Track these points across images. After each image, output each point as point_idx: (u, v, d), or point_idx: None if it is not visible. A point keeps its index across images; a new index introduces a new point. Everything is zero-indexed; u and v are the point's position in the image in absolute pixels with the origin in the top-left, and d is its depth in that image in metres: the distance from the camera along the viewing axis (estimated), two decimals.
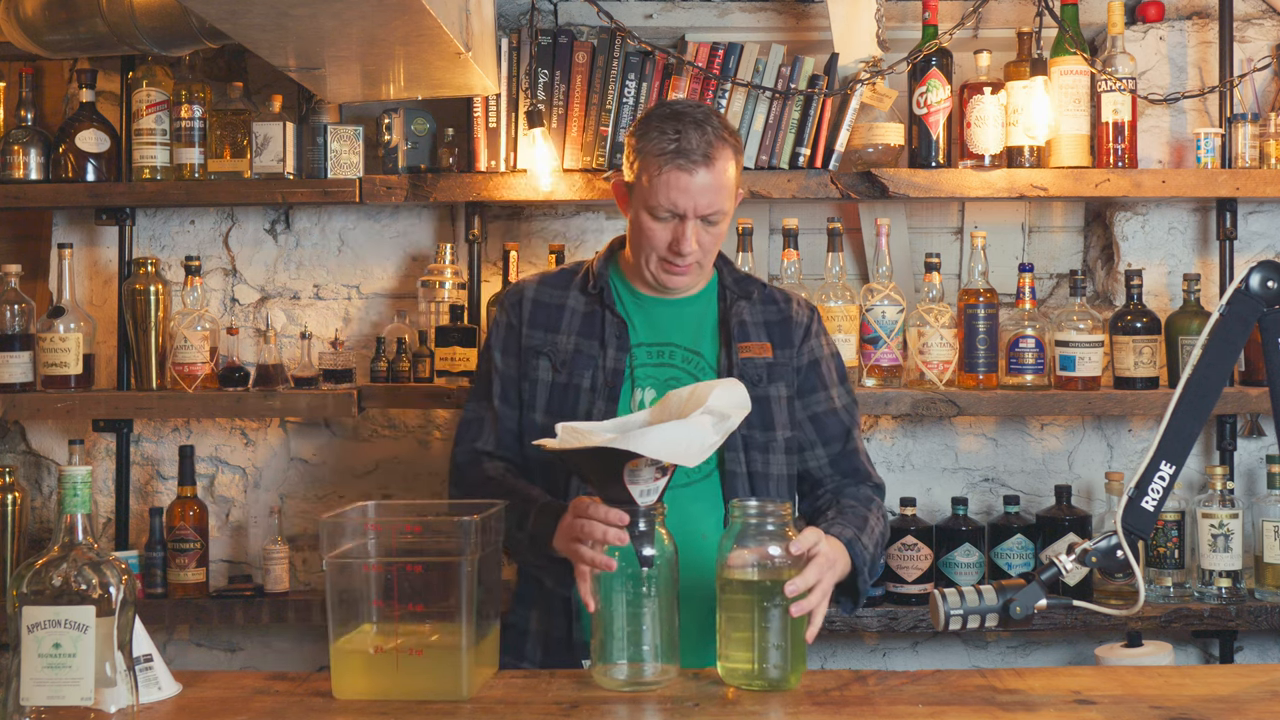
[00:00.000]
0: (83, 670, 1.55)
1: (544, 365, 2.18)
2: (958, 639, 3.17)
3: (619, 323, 2.19)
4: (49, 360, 2.97)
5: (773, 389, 2.18)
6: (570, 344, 2.19)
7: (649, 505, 1.76)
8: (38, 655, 1.55)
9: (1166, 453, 1.76)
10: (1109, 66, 2.93)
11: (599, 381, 2.15)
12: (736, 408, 1.81)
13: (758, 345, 2.20)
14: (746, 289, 2.26)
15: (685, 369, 2.18)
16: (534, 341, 2.21)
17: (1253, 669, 1.99)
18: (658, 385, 2.16)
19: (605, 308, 2.20)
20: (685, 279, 2.17)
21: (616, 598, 1.77)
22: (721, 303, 2.25)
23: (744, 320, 2.22)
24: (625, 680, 1.77)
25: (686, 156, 2.07)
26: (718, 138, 2.10)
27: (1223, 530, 2.89)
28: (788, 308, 2.28)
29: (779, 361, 2.21)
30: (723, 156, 2.10)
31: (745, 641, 1.77)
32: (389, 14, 2.10)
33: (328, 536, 1.78)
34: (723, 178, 2.10)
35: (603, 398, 2.14)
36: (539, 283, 2.28)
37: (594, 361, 2.16)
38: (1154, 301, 3.12)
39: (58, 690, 1.55)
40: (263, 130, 2.99)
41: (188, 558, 2.96)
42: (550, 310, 2.23)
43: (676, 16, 3.20)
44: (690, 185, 2.08)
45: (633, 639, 1.76)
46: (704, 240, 2.13)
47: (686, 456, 1.74)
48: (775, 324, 2.25)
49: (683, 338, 2.21)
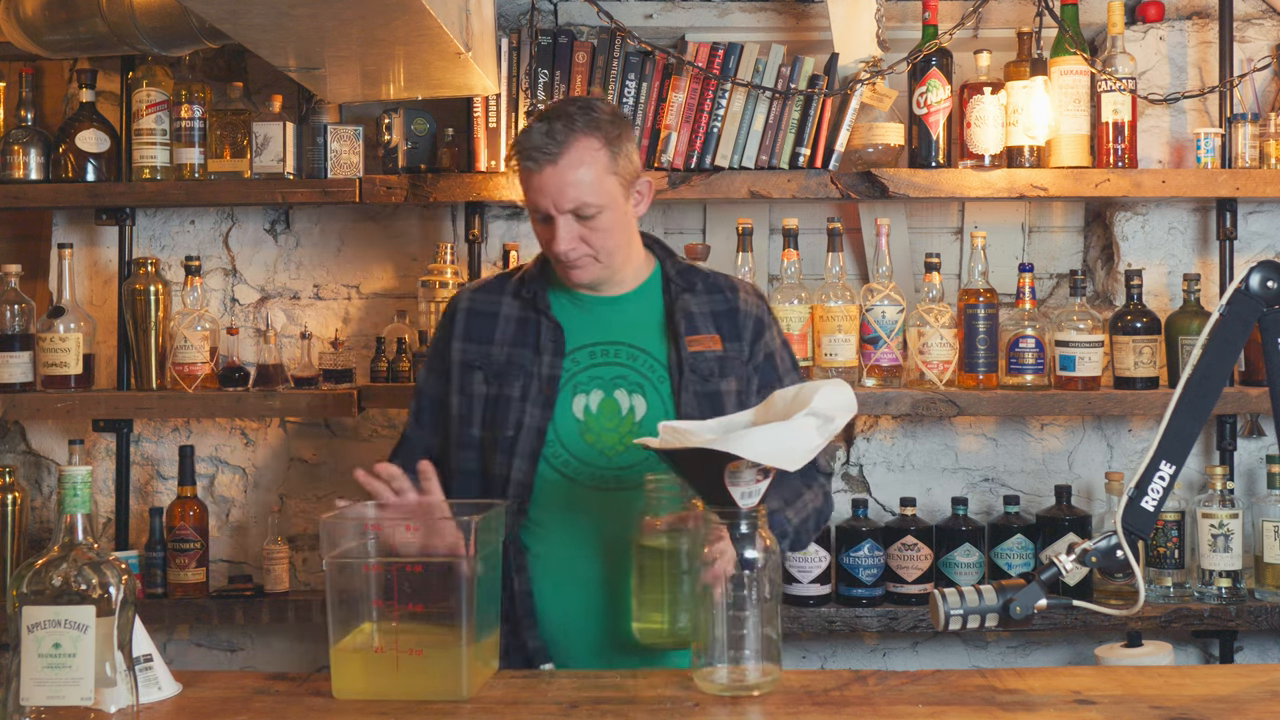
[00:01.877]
0: (83, 670, 1.55)
1: (478, 379, 2.14)
2: (958, 639, 3.17)
3: (554, 327, 2.14)
4: (49, 360, 2.97)
5: (724, 383, 2.14)
6: (503, 354, 2.14)
7: (750, 508, 1.73)
8: (38, 655, 1.55)
9: (1166, 453, 1.76)
10: (1109, 66, 2.93)
11: (533, 390, 2.10)
12: (841, 410, 1.77)
13: (707, 338, 2.15)
14: (690, 280, 2.21)
15: (631, 366, 2.13)
16: (468, 356, 2.16)
17: (1253, 669, 1.99)
18: (604, 386, 2.12)
19: (540, 313, 2.15)
20: (585, 274, 2.11)
21: (718, 600, 1.75)
22: (666, 295, 2.19)
23: (690, 312, 2.17)
24: (727, 684, 1.74)
25: (530, 156, 2.04)
26: (570, 131, 2.04)
27: (1223, 530, 2.89)
28: (735, 297, 2.21)
29: (729, 354, 2.16)
30: (576, 148, 2.04)
31: (658, 603, 1.86)
32: (389, 14, 2.10)
33: (328, 536, 1.78)
34: (577, 171, 2.03)
35: (536, 405, 2.09)
36: (474, 290, 2.23)
37: (526, 370, 2.11)
38: (1154, 301, 3.12)
39: (58, 690, 1.55)
40: (263, 130, 2.99)
41: (188, 558, 2.96)
42: (484, 320, 2.18)
43: (676, 16, 3.20)
44: (542, 184, 2.04)
45: (734, 642, 1.74)
46: (586, 236, 2.07)
47: (789, 460, 1.71)
48: (723, 314, 2.19)
49: (627, 335, 2.15)
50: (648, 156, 2.94)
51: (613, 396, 2.12)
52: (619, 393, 2.12)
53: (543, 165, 2.03)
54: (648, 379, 2.13)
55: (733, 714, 1.68)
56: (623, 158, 2.09)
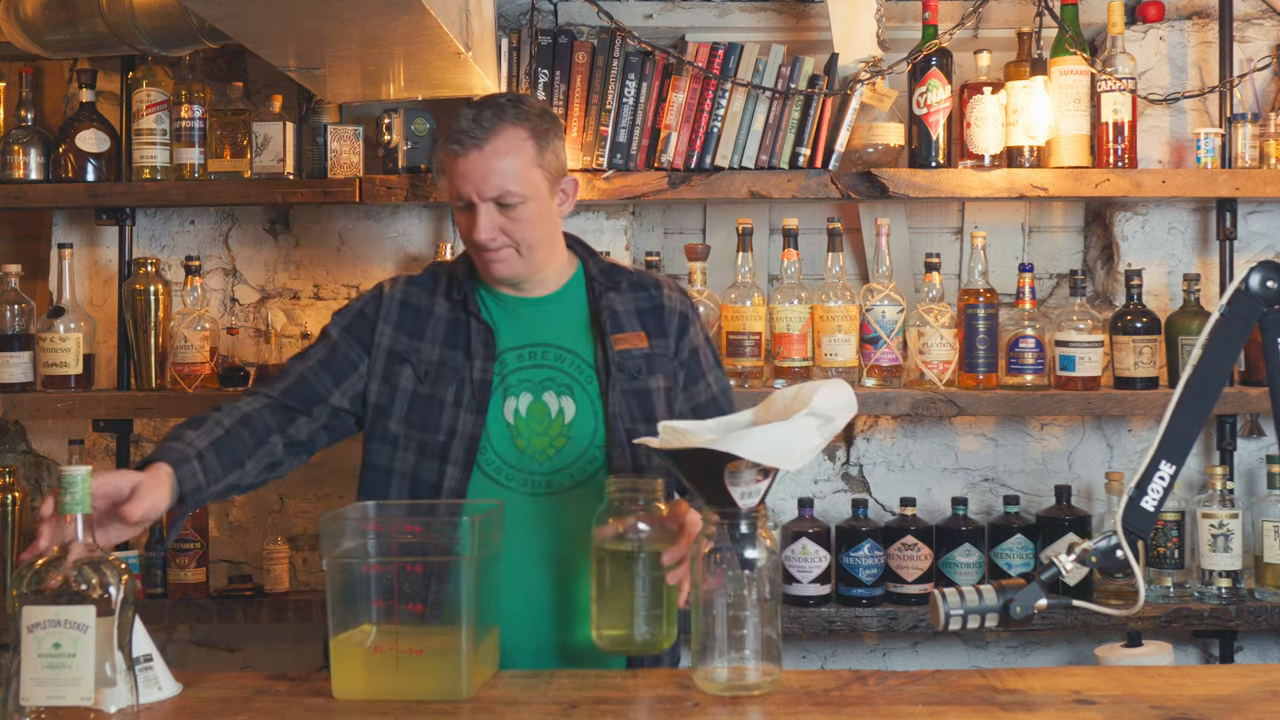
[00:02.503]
0: (83, 670, 1.55)
1: (407, 373, 2.12)
2: (958, 639, 3.17)
3: (485, 329, 2.12)
4: (49, 360, 2.97)
5: (652, 380, 2.13)
6: (435, 354, 2.12)
7: (750, 508, 1.73)
8: (38, 655, 1.54)
9: (1166, 453, 1.76)
10: (1109, 66, 2.93)
11: (465, 395, 2.08)
12: (842, 410, 1.76)
13: (633, 336, 2.14)
14: (614, 279, 2.20)
15: (560, 368, 2.12)
16: (399, 346, 2.14)
17: (1253, 669, 1.99)
18: (533, 388, 2.10)
19: (470, 315, 2.13)
20: (505, 267, 2.10)
21: (717, 600, 1.74)
22: (590, 295, 2.18)
23: (615, 311, 2.16)
24: (727, 684, 1.74)
25: (457, 140, 2.03)
26: (498, 119, 2.04)
27: (1223, 530, 2.89)
28: (659, 294, 2.21)
29: (655, 351, 2.15)
30: (502, 136, 2.03)
31: (621, 609, 1.84)
32: (389, 14, 2.10)
33: (328, 536, 1.78)
34: (503, 159, 2.03)
35: (470, 410, 2.07)
36: (407, 282, 2.21)
37: (459, 374, 2.09)
38: (1154, 301, 3.12)
39: (58, 690, 1.54)
40: (263, 130, 2.99)
41: (188, 558, 2.96)
42: (417, 314, 2.16)
43: (676, 16, 3.20)
44: (466, 169, 2.04)
45: (734, 642, 1.74)
46: (506, 226, 2.06)
47: (789, 460, 1.70)
48: (647, 311, 2.18)
49: (554, 336, 2.14)
50: (648, 157, 2.95)
51: (541, 399, 2.10)
52: (548, 395, 2.10)
53: (468, 150, 2.03)
54: (576, 380, 2.11)
55: (733, 714, 1.68)
56: (549, 152, 2.09)
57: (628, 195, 2.94)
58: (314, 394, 2.14)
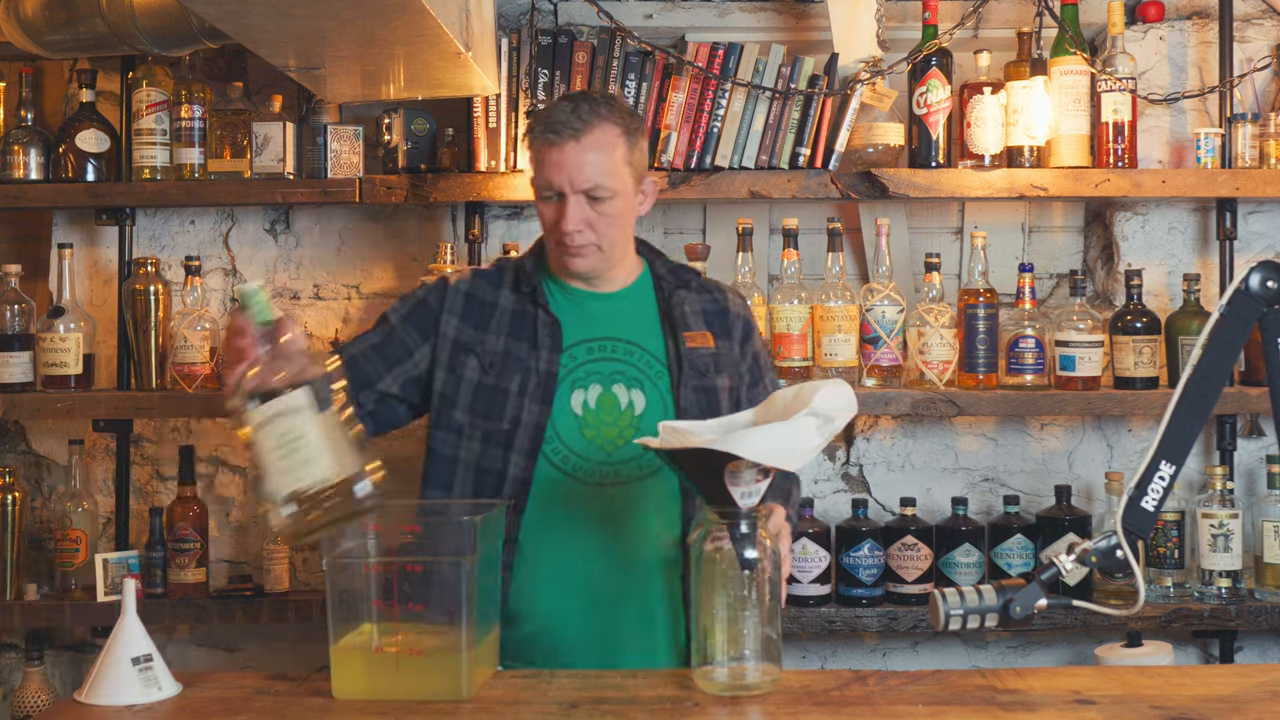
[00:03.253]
0: (316, 450, 1.62)
1: (472, 363, 2.13)
2: (958, 639, 3.17)
3: (552, 322, 2.14)
4: (49, 360, 2.97)
5: (718, 379, 2.16)
6: (500, 344, 2.14)
7: (750, 507, 1.73)
8: (273, 449, 1.62)
9: (1166, 453, 1.76)
10: (1109, 66, 2.93)
11: (530, 385, 2.10)
12: (842, 410, 1.77)
13: (700, 335, 2.18)
14: (684, 278, 2.24)
15: (629, 362, 2.14)
16: (464, 337, 2.16)
17: (1253, 669, 1.99)
18: (602, 380, 2.13)
19: (539, 307, 2.16)
20: (584, 262, 2.12)
21: (718, 600, 1.74)
22: (659, 293, 2.21)
23: (685, 310, 2.20)
24: (727, 684, 1.74)
25: (555, 130, 2.06)
26: (594, 113, 2.07)
27: (1223, 530, 2.89)
28: (723, 299, 2.26)
29: (720, 352, 2.19)
30: (599, 130, 2.07)
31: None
32: (389, 14, 2.10)
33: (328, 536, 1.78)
34: (599, 152, 2.07)
35: (535, 400, 2.09)
36: (472, 276, 2.23)
37: (524, 364, 2.11)
38: (1154, 301, 3.12)
39: (298, 474, 1.62)
40: (263, 130, 2.99)
41: (188, 558, 2.96)
42: (482, 307, 2.18)
43: (676, 16, 3.20)
44: (561, 159, 2.06)
45: (734, 642, 1.74)
46: (593, 220, 2.09)
47: (789, 460, 1.71)
48: (714, 314, 2.23)
49: (623, 331, 2.17)
50: (648, 156, 2.94)
51: (611, 391, 2.12)
52: (617, 387, 2.13)
53: (565, 139, 2.06)
54: (645, 374, 2.14)
55: (733, 714, 1.68)
56: (637, 151, 2.13)
57: None
58: (363, 377, 2.15)
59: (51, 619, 2.96)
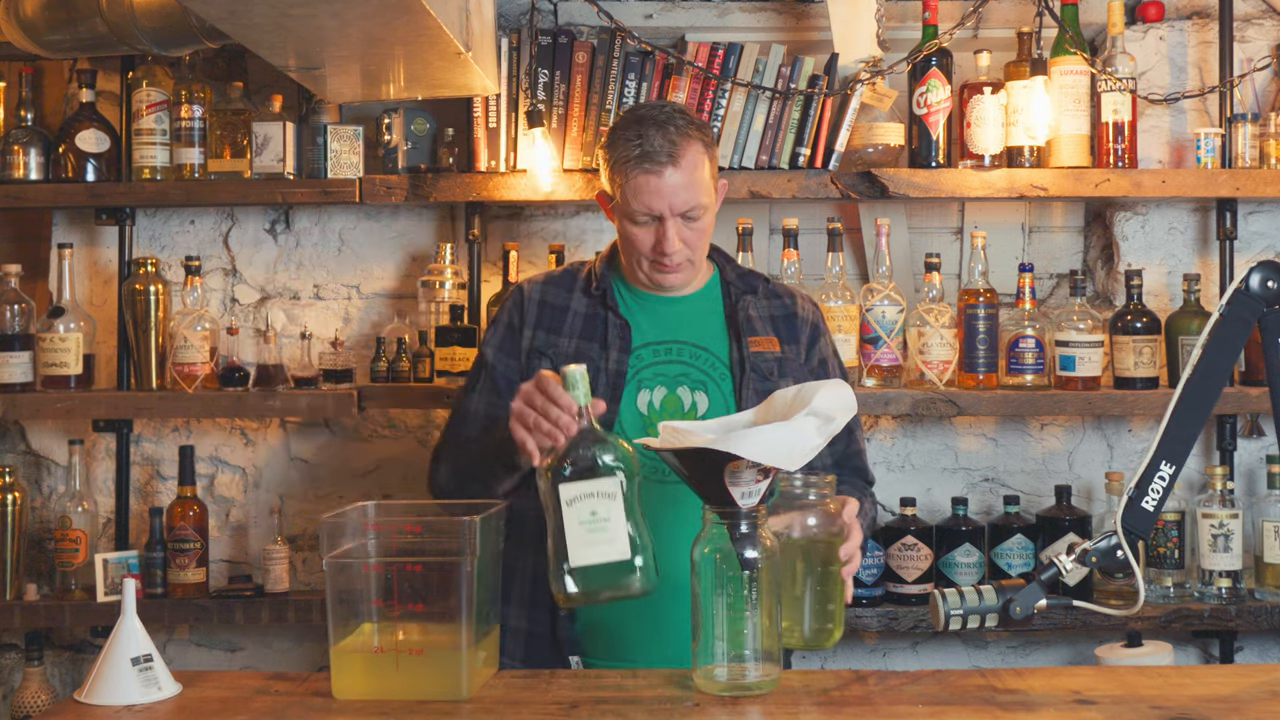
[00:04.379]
0: (617, 531, 1.76)
1: (545, 366, 2.16)
2: (958, 639, 3.17)
3: (622, 324, 2.19)
4: (49, 360, 2.97)
5: (782, 383, 2.18)
6: (571, 346, 2.19)
7: (750, 508, 1.74)
8: (579, 523, 1.76)
9: (1166, 453, 1.76)
10: (1109, 66, 2.93)
11: (600, 384, 2.13)
12: (842, 410, 1.78)
13: (766, 340, 2.22)
14: (751, 284, 2.28)
15: (694, 365, 2.19)
16: (538, 343, 2.21)
17: (1253, 669, 1.99)
18: (667, 382, 2.17)
19: (609, 309, 2.20)
20: (678, 276, 2.19)
21: (718, 600, 1.74)
22: (726, 298, 2.26)
23: (751, 315, 2.24)
24: (727, 684, 1.74)
25: (652, 159, 2.09)
26: (682, 135, 2.10)
27: (1223, 530, 2.89)
28: (793, 304, 2.30)
29: (786, 356, 2.22)
30: (691, 152, 2.11)
31: (792, 603, 1.83)
32: (389, 14, 2.10)
33: (328, 536, 1.78)
34: (694, 174, 2.11)
35: (603, 399, 2.10)
36: (544, 282, 2.28)
37: (594, 364, 2.15)
38: (1154, 301, 3.12)
39: (599, 550, 1.76)
40: (263, 130, 2.99)
41: (188, 558, 2.96)
42: (555, 311, 2.23)
43: (676, 16, 3.20)
44: (661, 186, 2.09)
45: (734, 642, 1.74)
46: (688, 237, 2.14)
47: (788, 460, 1.71)
48: (781, 319, 2.26)
49: (689, 334, 2.21)
50: None
51: (675, 393, 2.17)
52: (682, 389, 2.17)
53: (664, 168, 2.09)
54: (710, 377, 2.18)
55: (733, 714, 1.68)
56: (714, 162, 2.18)
57: None
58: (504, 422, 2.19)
59: (51, 619, 2.97)
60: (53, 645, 3.19)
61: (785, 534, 1.84)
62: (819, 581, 1.84)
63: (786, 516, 1.85)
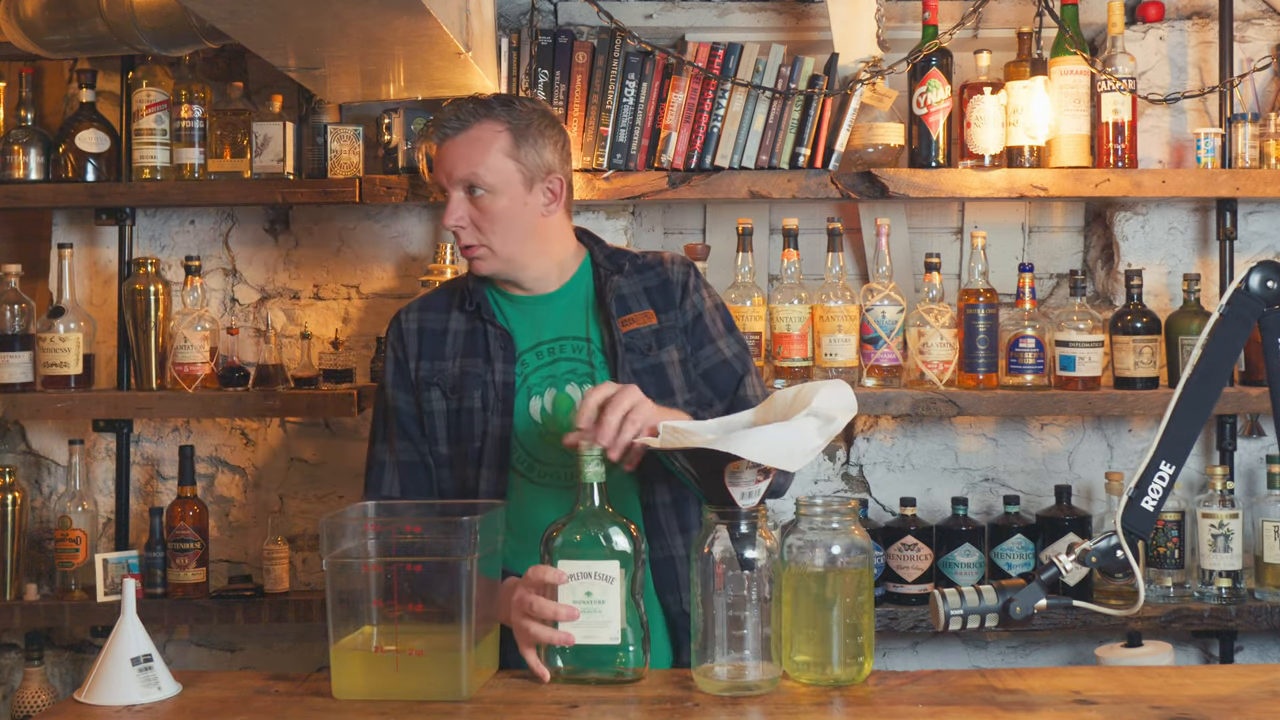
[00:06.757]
0: (611, 614, 1.77)
1: (436, 395, 2.15)
2: (958, 639, 3.17)
3: (502, 335, 2.15)
4: (49, 360, 2.97)
5: (664, 354, 2.14)
6: (457, 367, 2.15)
7: (750, 508, 1.73)
8: (572, 601, 1.77)
9: (1166, 453, 1.76)
10: (1109, 66, 2.93)
11: (491, 398, 2.11)
12: (842, 410, 1.77)
13: (640, 315, 2.16)
14: (618, 262, 2.22)
15: (577, 358, 2.14)
16: (423, 373, 2.17)
17: (1253, 669, 1.99)
18: (555, 383, 2.13)
19: (486, 322, 2.16)
20: (485, 266, 2.13)
21: (717, 600, 1.74)
22: (596, 281, 2.20)
23: (622, 294, 2.18)
24: (726, 683, 1.74)
25: (438, 128, 2.11)
26: (478, 111, 2.10)
27: (1223, 530, 2.89)
28: (664, 270, 2.22)
29: (665, 325, 2.17)
30: (478, 126, 2.09)
31: (823, 638, 1.76)
32: (389, 14, 2.10)
33: (328, 536, 1.78)
34: (476, 146, 2.08)
35: (496, 413, 2.10)
36: (420, 309, 2.23)
37: (481, 380, 2.12)
38: (1154, 301, 3.12)
39: (591, 631, 1.77)
40: (263, 130, 2.99)
41: (188, 558, 2.96)
42: (434, 336, 2.19)
43: (676, 16, 3.20)
44: (442, 154, 2.11)
45: (734, 642, 1.74)
46: (476, 218, 2.10)
47: (788, 460, 1.71)
48: (655, 289, 2.20)
49: (567, 328, 2.17)
50: (648, 156, 2.95)
51: (565, 391, 2.13)
52: (570, 386, 2.13)
53: (445, 138, 2.10)
54: (593, 366, 2.14)
55: (732, 714, 1.68)
56: (529, 147, 2.11)
57: (628, 195, 2.94)
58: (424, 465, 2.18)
59: (51, 619, 2.97)
60: (53, 645, 3.19)
61: (808, 564, 1.76)
62: (847, 614, 1.76)
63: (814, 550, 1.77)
